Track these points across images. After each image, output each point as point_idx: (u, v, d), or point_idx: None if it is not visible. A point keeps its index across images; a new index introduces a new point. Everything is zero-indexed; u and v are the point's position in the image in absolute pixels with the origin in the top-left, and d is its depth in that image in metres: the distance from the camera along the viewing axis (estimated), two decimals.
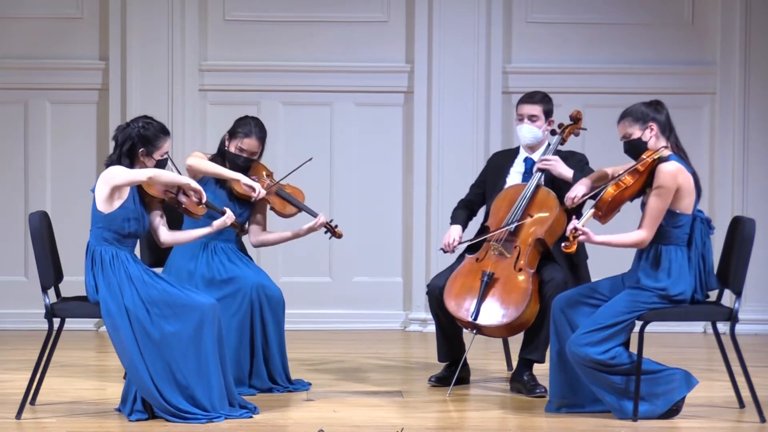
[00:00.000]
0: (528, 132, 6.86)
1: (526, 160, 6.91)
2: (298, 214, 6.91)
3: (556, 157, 6.75)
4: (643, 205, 6.09)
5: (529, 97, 6.90)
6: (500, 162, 7.02)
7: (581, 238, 5.99)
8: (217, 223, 6.35)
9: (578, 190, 6.31)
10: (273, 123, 8.96)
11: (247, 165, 6.80)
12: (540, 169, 6.75)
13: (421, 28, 9.00)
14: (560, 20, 9.09)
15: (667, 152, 6.06)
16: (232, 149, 6.79)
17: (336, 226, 6.88)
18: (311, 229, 6.84)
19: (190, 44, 8.99)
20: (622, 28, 9.09)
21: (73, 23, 9.04)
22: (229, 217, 6.34)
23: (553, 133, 6.90)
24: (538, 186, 6.75)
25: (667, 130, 6.13)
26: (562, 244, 6.00)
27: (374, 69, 9.08)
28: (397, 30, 9.09)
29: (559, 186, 6.74)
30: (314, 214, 6.83)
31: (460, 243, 6.86)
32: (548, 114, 6.88)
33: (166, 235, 6.24)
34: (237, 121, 6.87)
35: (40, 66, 9.01)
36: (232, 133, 6.82)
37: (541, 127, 6.87)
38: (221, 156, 6.83)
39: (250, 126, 6.81)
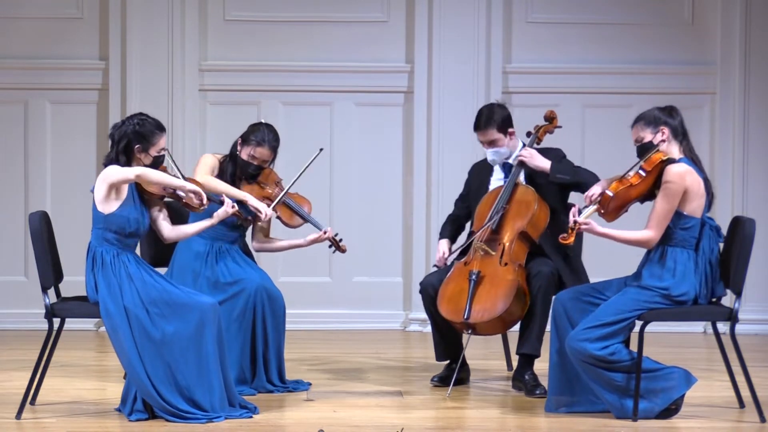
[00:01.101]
0: (492, 155, 6.87)
1: (504, 165, 6.92)
2: (304, 224, 6.90)
3: (533, 151, 6.78)
4: None
5: (477, 125, 6.84)
6: (480, 172, 7.05)
7: (583, 228, 6.00)
8: (219, 214, 6.34)
9: (595, 189, 6.27)
10: (273, 123, 8.90)
11: (257, 172, 6.78)
12: (519, 163, 6.78)
13: (421, 28, 9.01)
14: (560, 20, 9.09)
15: (678, 155, 6.07)
16: (244, 156, 6.75)
17: (341, 241, 6.87)
18: (315, 241, 6.82)
19: (190, 44, 8.99)
20: (622, 28, 9.10)
21: (73, 23, 9.05)
22: (228, 205, 6.33)
23: (528, 134, 6.92)
24: (516, 184, 6.77)
25: (680, 135, 6.13)
26: (560, 236, 6.03)
27: (374, 69, 9.08)
28: (397, 30, 9.09)
29: (538, 182, 6.78)
30: (319, 228, 6.81)
31: (450, 255, 6.88)
32: (505, 127, 6.83)
33: (169, 230, 6.24)
34: (250, 128, 6.80)
35: (40, 66, 9.02)
36: (245, 140, 6.76)
37: (504, 144, 6.85)
38: (233, 160, 6.79)
39: (263, 134, 6.74)
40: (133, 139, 6.05)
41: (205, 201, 6.12)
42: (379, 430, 5.84)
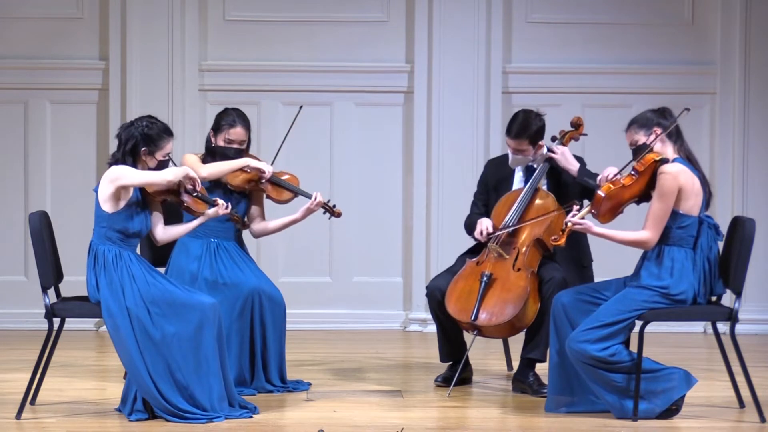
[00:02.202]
0: (516, 162, 6.86)
1: (528, 167, 6.90)
2: (295, 198, 6.90)
3: (565, 149, 6.76)
4: None
5: (510, 131, 6.82)
6: (498, 168, 7.00)
7: (578, 228, 6.01)
8: (210, 212, 6.33)
9: (609, 170, 6.25)
10: (273, 123, 8.97)
11: (237, 156, 6.80)
12: (547, 160, 6.77)
13: (421, 28, 9.00)
14: (560, 20, 9.09)
15: (672, 156, 6.08)
16: (220, 143, 6.80)
17: (334, 206, 6.87)
18: (309, 210, 6.81)
19: (190, 44, 8.99)
20: (622, 28, 9.09)
21: (73, 23, 9.04)
22: (221, 206, 6.33)
23: (553, 139, 6.91)
24: (537, 189, 6.76)
25: (674, 135, 6.13)
26: (551, 238, 6.04)
27: (374, 69, 9.08)
28: (397, 30, 9.09)
29: (563, 181, 6.77)
30: (309, 196, 6.80)
31: (490, 234, 6.77)
32: (536, 140, 6.80)
33: (161, 233, 6.25)
34: (218, 115, 6.86)
35: (40, 66, 9.01)
36: (217, 128, 6.83)
37: (530, 154, 6.84)
38: (210, 153, 6.82)
39: (232, 116, 6.81)
40: (140, 141, 6.06)
41: (198, 187, 6.14)
42: (379, 430, 5.84)
